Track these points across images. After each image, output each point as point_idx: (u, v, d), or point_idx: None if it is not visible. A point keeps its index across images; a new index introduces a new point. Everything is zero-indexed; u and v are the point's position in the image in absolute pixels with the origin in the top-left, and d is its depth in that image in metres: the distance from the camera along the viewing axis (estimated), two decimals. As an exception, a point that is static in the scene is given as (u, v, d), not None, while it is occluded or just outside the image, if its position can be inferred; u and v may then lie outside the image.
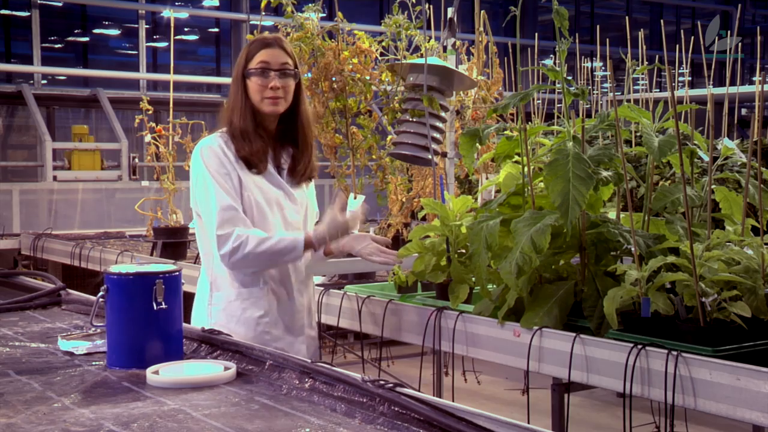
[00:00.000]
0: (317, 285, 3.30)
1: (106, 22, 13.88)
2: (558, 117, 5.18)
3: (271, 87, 2.67)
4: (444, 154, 3.75)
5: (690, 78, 12.34)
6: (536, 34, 5.76)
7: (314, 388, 1.88)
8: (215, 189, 2.61)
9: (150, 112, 5.21)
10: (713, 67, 5.16)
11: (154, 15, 13.53)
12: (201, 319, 2.73)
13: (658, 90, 7.50)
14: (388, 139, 3.95)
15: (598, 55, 5.70)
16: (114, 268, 2.13)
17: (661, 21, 5.31)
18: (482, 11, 4.11)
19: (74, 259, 5.70)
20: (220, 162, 2.65)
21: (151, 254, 5.00)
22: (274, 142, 2.77)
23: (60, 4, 12.96)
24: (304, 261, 2.78)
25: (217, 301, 2.72)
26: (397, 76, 3.65)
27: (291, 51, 2.76)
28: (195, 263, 4.37)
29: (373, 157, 4.03)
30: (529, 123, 2.84)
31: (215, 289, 2.73)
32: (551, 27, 4.20)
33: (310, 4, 3.85)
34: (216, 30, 14.61)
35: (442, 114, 3.44)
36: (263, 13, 3.90)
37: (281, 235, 2.65)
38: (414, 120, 3.38)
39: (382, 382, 1.74)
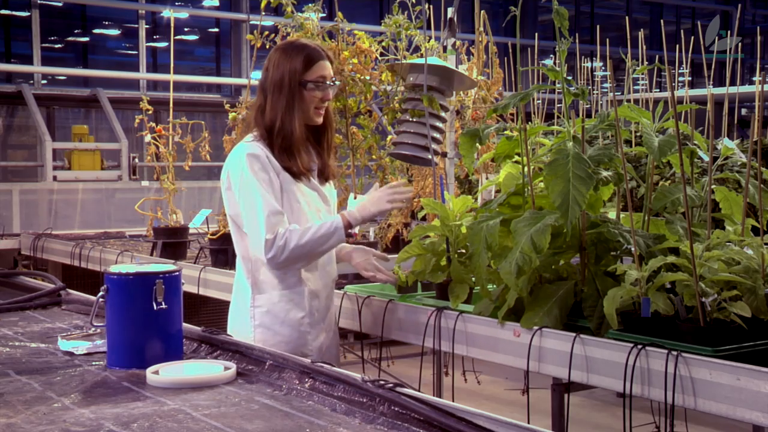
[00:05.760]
0: None
1: (106, 22, 13.88)
2: (558, 117, 5.18)
3: (323, 100, 2.74)
4: (444, 154, 3.75)
5: (690, 78, 12.33)
6: (536, 34, 5.76)
7: (314, 388, 1.88)
8: (262, 195, 2.63)
9: (150, 112, 5.21)
10: (713, 67, 5.17)
11: (154, 15, 13.53)
12: (243, 321, 2.77)
13: (658, 90, 7.50)
14: (388, 139, 3.96)
15: (598, 55, 5.70)
16: (114, 268, 2.14)
17: (661, 21, 5.31)
18: (482, 11, 4.11)
19: (74, 259, 5.69)
20: (264, 169, 2.66)
21: (151, 254, 5.00)
22: None
23: (60, 4, 12.95)
24: (339, 249, 2.89)
25: (260, 304, 2.74)
26: (397, 76, 3.65)
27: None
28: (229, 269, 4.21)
29: (373, 157, 4.03)
30: (529, 123, 2.84)
31: (257, 291, 2.75)
32: (551, 27, 4.20)
33: (310, 4, 3.85)
34: (216, 30, 14.61)
35: (442, 114, 3.44)
36: (263, 13, 3.91)
37: (318, 222, 2.68)
38: (414, 120, 3.38)
39: (382, 382, 1.74)
